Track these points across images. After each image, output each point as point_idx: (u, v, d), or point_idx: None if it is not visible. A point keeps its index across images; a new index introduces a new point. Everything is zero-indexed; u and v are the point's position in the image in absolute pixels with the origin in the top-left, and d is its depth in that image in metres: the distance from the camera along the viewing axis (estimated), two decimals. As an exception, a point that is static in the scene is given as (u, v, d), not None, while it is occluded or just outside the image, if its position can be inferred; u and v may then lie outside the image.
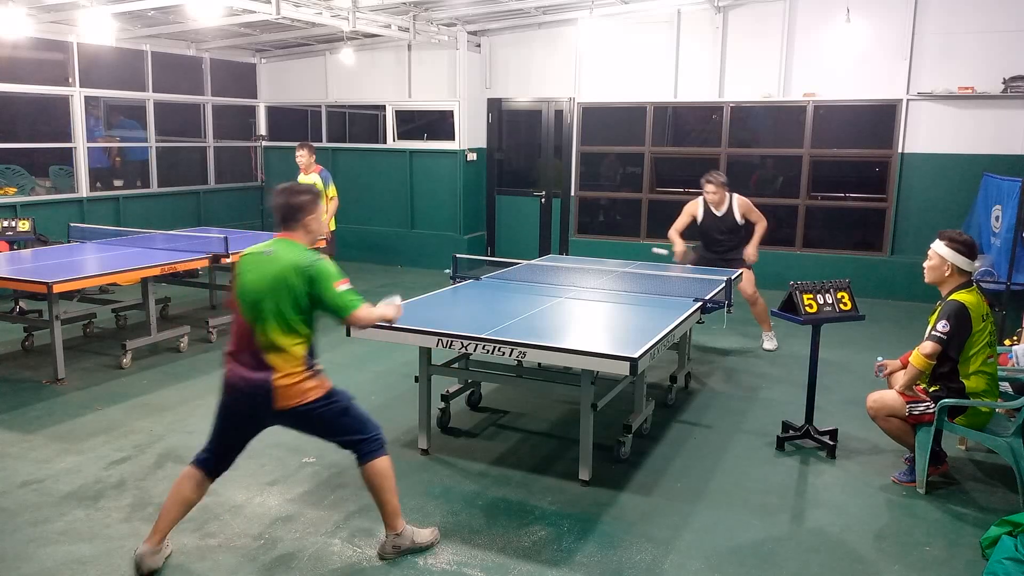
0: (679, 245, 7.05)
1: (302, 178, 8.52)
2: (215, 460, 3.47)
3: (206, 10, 8.28)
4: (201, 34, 10.36)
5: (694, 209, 7.11)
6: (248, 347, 3.35)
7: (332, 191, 8.48)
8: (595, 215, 11.02)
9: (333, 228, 8.61)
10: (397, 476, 4.35)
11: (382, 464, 3.49)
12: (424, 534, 3.67)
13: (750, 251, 7.00)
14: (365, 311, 3.41)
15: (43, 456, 4.61)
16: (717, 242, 7.09)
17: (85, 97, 9.54)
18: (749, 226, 7.04)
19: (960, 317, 4.05)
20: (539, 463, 4.62)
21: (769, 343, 7.15)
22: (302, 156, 8.48)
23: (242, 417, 3.45)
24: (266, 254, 3.39)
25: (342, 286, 3.35)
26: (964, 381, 4.14)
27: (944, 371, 4.18)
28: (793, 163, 9.63)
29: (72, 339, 7.04)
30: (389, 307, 3.56)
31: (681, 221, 7.13)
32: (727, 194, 7.00)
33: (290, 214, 3.42)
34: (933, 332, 4.09)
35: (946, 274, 4.21)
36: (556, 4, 9.70)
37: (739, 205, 7.01)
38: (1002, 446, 4.09)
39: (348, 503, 4.07)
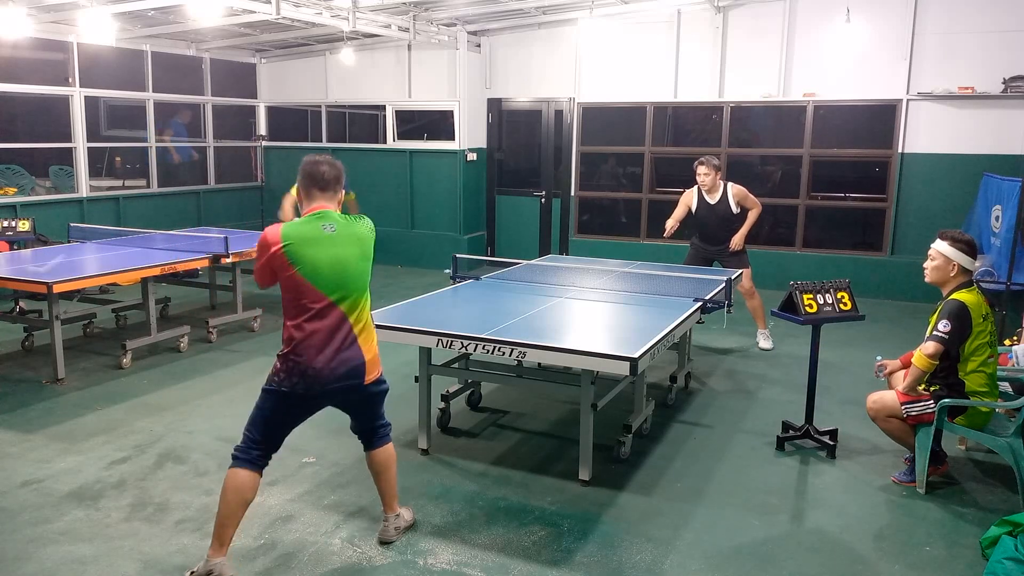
0: (671, 221, 7.01)
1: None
2: (266, 457, 3.34)
3: (206, 10, 8.28)
4: (201, 34, 10.36)
5: (689, 199, 7.08)
6: (335, 328, 3.19)
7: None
8: (595, 215, 11.02)
9: None
10: (397, 476, 4.38)
11: (392, 448, 3.65)
12: (407, 513, 3.82)
13: (736, 238, 6.93)
14: None
15: (43, 456, 4.61)
16: (712, 234, 7.04)
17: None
18: (745, 216, 6.98)
19: (961, 316, 4.05)
20: (539, 463, 4.62)
21: (765, 342, 7.13)
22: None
23: (315, 406, 3.32)
24: (329, 231, 3.21)
25: None
26: (964, 380, 4.14)
27: (944, 370, 4.18)
28: (793, 163, 9.64)
29: (72, 339, 7.04)
30: None
31: (678, 212, 7.11)
32: (720, 180, 6.97)
33: (333, 182, 3.29)
34: (935, 332, 4.08)
35: (951, 274, 4.20)
36: (556, 4, 9.70)
37: (734, 194, 6.97)
38: (1002, 446, 4.09)
39: (348, 503, 4.07)
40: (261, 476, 3.34)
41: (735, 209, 6.96)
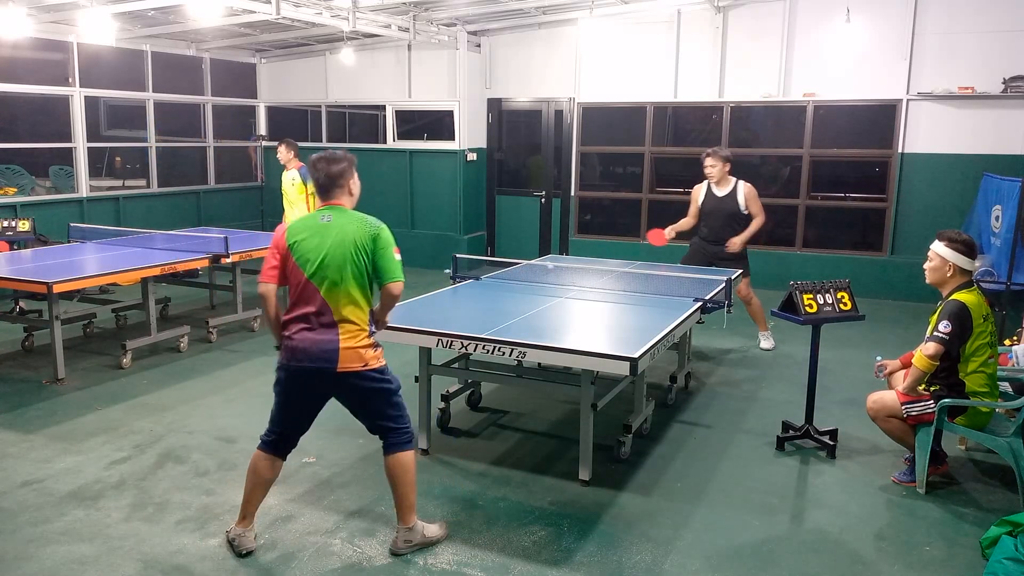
0: (673, 228, 6.97)
1: (285, 175, 8.59)
2: (282, 441, 3.55)
3: (206, 10, 8.28)
4: (201, 34, 10.36)
5: (697, 193, 7.02)
6: (314, 309, 3.38)
7: (312, 187, 8.46)
8: (595, 215, 11.02)
9: None
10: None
11: (407, 457, 3.57)
12: (433, 529, 3.70)
13: (735, 240, 6.82)
14: (401, 289, 3.52)
15: (43, 456, 4.61)
16: (715, 230, 6.93)
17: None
18: (751, 218, 6.92)
19: (961, 317, 4.05)
20: (539, 463, 4.62)
21: (766, 343, 7.13)
22: (280, 152, 8.61)
23: (304, 386, 3.46)
24: (325, 220, 3.46)
25: (397, 256, 3.51)
26: (964, 381, 4.14)
27: (944, 370, 4.18)
28: (793, 163, 9.64)
29: (72, 339, 7.04)
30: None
31: (691, 209, 7.03)
32: (729, 174, 6.89)
33: (332, 182, 3.53)
34: (936, 333, 4.08)
35: (947, 275, 4.21)
36: (556, 4, 9.70)
37: (745, 192, 6.87)
38: (1002, 446, 4.09)
39: (348, 503, 4.07)
40: (281, 460, 3.57)
41: (743, 208, 6.87)
